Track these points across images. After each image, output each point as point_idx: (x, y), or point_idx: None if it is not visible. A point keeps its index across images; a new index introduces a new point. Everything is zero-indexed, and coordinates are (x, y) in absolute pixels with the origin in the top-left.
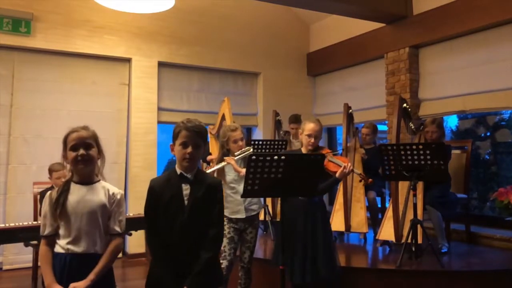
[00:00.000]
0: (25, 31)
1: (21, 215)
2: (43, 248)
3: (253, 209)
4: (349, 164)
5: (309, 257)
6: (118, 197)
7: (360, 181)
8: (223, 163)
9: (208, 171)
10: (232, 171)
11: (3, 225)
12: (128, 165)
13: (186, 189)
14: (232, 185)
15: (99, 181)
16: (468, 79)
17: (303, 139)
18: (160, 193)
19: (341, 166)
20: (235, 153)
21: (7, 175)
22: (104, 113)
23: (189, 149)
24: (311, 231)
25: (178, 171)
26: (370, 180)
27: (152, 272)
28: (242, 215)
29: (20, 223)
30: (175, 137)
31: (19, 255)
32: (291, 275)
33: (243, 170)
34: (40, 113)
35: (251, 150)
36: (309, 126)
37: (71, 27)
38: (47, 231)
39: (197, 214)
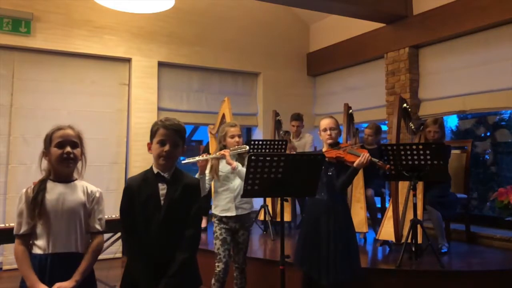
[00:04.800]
0: (25, 31)
1: None
2: (19, 248)
3: (244, 207)
4: (367, 154)
5: (331, 257)
6: (97, 195)
7: (378, 168)
8: (216, 154)
9: (202, 158)
10: (225, 168)
11: (3, 225)
12: (128, 165)
13: (162, 188)
14: (224, 182)
15: (76, 179)
16: (468, 79)
17: (322, 138)
18: (137, 192)
19: (359, 157)
20: (231, 148)
21: (7, 175)
22: (104, 113)
23: (167, 147)
24: (333, 230)
25: (155, 170)
26: (387, 166)
27: (127, 272)
28: (232, 213)
29: None
30: (152, 135)
31: None
32: (318, 276)
33: (235, 163)
34: (40, 113)
35: (247, 148)
36: (323, 122)
37: (71, 27)
38: (22, 229)
39: (173, 214)
